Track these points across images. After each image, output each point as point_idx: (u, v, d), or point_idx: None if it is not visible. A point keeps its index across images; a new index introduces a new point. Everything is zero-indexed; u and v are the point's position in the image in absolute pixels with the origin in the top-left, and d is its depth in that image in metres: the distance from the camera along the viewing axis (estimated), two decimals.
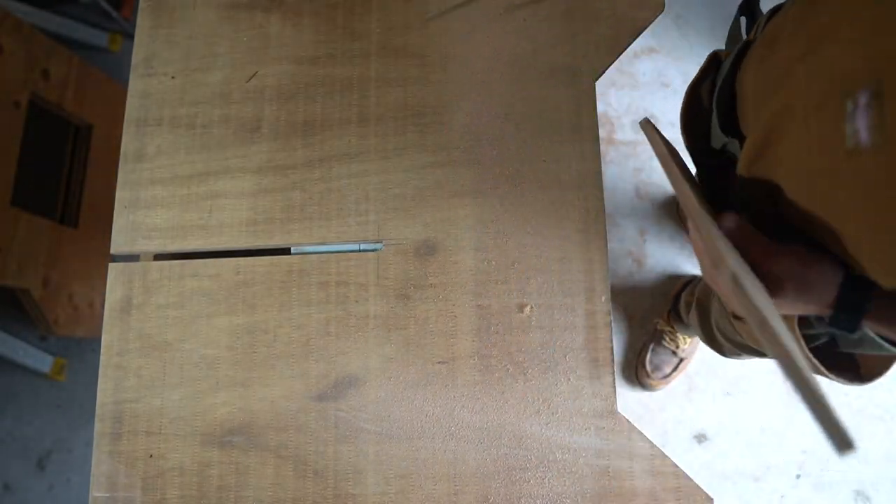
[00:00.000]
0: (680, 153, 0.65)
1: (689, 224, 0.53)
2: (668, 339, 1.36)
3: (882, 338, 0.52)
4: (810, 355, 0.57)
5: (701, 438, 1.42)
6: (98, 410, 0.73)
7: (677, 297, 1.35)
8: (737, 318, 0.71)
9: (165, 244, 0.76)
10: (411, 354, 0.71)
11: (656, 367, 1.37)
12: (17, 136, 1.33)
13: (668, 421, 1.42)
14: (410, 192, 0.74)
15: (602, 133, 1.59)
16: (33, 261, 1.38)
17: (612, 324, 0.70)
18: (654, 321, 1.41)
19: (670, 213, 1.52)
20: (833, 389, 1.42)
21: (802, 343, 0.56)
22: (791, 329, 0.55)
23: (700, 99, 0.68)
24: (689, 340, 1.35)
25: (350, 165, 0.76)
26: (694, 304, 1.05)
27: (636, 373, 1.42)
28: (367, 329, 0.71)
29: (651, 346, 1.39)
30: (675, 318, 1.33)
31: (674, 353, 1.37)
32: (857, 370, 0.61)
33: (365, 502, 0.68)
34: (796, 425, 1.41)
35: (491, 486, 0.67)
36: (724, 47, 0.71)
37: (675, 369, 1.38)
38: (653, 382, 1.38)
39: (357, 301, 0.72)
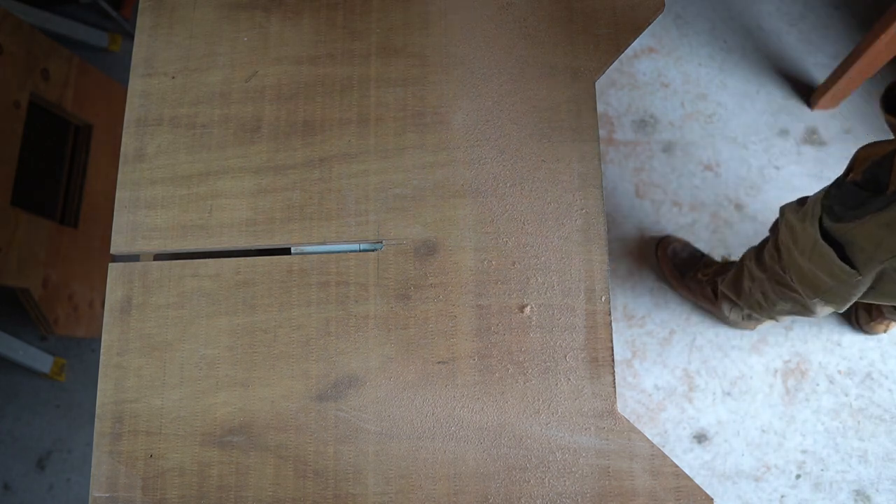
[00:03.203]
0: None
1: None
2: (704, 265, 1.42)
3: None
4: None
5: (701, 438, 1.42)
6: (98, 410, 0.73)
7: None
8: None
9: (165, 244, 0.76)
10: (411, 354, 0.71)
11: (672, 255, 1.45)
12: (17, 136, 1.33)
13: (668, 421, 1.42)
14: (410, 192, 0.74)
15: (602, 133, 1.59)
16: (33, 261, 1.38)
17: (612, 324, 0.70)
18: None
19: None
20: (833, 389, 1.43)
21: None
22: None
23: None
24: (703, 277, 1.40)
25: (350, 165, 0.76)
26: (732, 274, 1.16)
27: (663, 241, 1.48)
28: (367, 329, 0.72)
29: (689, 249, 1.46)
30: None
31: (687, 270, 1.43)
32: None
33: (365, 502, 0.68)
34: (796, 425, 1.41)
35: (491, 486, 0.67)
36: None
37: (669, 270, 1.44)
38: (659, 251, 1.48)
39: (357, 301, 0.72)
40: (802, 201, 0.99)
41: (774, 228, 1.13)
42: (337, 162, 0.76)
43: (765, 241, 1.13)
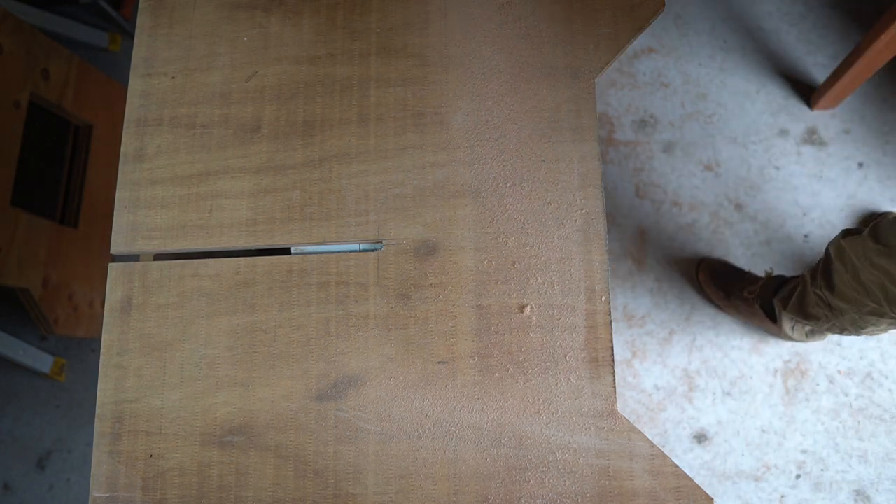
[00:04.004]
0: None
1: None
2: (748, 282, 1.40)
3: None
4: None
5: (701, 438, 1.42)
6: (98, 410, 0.73)
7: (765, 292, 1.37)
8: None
9: (165, 244, 0.76)
10: (411, 354, 0.71)
11: (713, 276, 1.45)
12: (17, 136, 1.33)
13: (668, 421, 1.43)
14: (410, 192, 0.74)
15: (602, 133, 1.59)
16: (33, 261, 1.38)
17: (612, 324, 0.70)
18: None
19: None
20: (833, 389, 1.42)
21: None
22: None
23: None
24: (749, 296, 1.38)
25: (350, 165, 0.76)
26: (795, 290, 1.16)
27: (701, 264, 1.48)
28: (367, 329, 0.72)
29: (730, 268, 1.45)
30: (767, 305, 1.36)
31: (731, 291, 1.41)
32: None
33: (365, 502, 0.68)
34: (796, 425, 1.41)
35: (491, 485, 0.67)
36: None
37: (714, 292, 1.43)
38: (700, 276, 1.47)
39: (357, 301, 0.72)
40: (851, 231, 1.00)
41: (831, 262, 1.07)
42: (337, 162, 0.76)
43: (828, 270, 1.08)
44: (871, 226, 0.97)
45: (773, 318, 1.33)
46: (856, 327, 1.08)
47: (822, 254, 1.11)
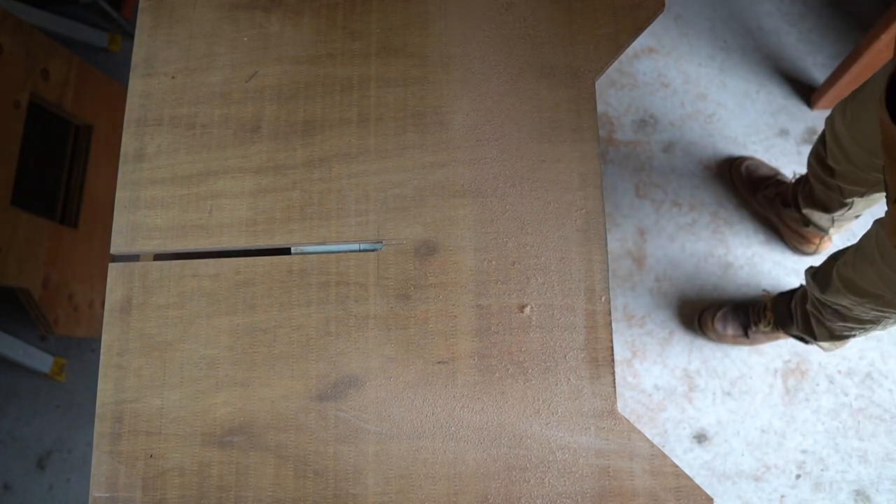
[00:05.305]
0: None
1: None
2: (755, 314, 1.39)
3: None
4: None
5: (701, 438, 1.42)
6: (98, 410, 0.73)
7: (782, 305, 1.34)
8: None
9: (165, 244, 0.76)
10: (411, 354, 0.71)
11: (724, 325, 1.42)
12: (17, 136, 1.33)
13: (668, 421, 1.43)
14: (410, 192, 0.74)
15: (602, 133, 1.60)
16: (33, 261, 1.38)
17: (612, 324, 0.70)
18: (763, 294, 1.43)
19: (722, 175, 1.54)
20: (833, 389, 1.42)
21: None
22: None
23: None
24: (767, 329, 1.37)
25: (350, 165, 0.76)
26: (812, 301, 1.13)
27: (702, 319, 1.46)
28: (367, 329, 0.72)
29: (731, 308, 1.43)
30: (780, 320, 1.33)
31: (747, 326, 1.40)
32: None
33: (365, 502, 0.68)
34: (796, 425, 1.41)
35: (491, 485, 0.67)
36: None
37: (735, 337, 1.41)
38: (711, 334, 1.44)
39: (357, 301, 0.72)
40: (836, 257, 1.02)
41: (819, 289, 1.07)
42: (337, 162, 0.76)
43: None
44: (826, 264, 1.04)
45: (800, 210, 1.34)
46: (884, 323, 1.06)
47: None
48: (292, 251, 0.75)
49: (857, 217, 1.27)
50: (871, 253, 0.89)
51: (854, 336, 1.12)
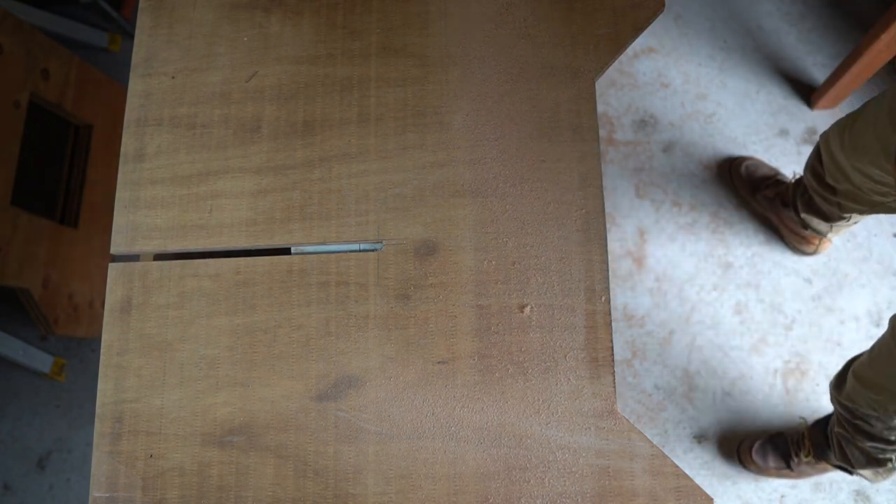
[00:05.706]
0: None
1: None
2: (794, 445, 1.32)
3: None
4: None
5: (701, 438, 1.42)
6: (98, 410, 0.73)
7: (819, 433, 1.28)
8: None
9: (165, 244, 0.76)
10: (411, 354, 0.71)
11: (763, 459, 1.35)
12: (17, 136, 1.33)
13: (668, 421, 1.43)
14: (410, 192, 0.74)
15: (602, 133, 1.59)
16: (33, 261, 1.38)
17: (612, 324, 0.70)
18: (801, 429, 1.33)
19: (722, 176, 1.53)
20: None
21: None
22: None
23: None
24: (808, 459, 1.29)
25: (350, 165, 0.76)
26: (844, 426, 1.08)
27: (740, 451, 1.40)
28: (367, 329, 0.72)
29: (768, 438, 1.36)
30: (818, 450, 1.27)
31: (788, 458, 1.34)
32: None
33: (365, 502, 0.68)
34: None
35: (491, 485, 0.67)
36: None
37: (778, 469, 1.35)
38: (752, 467, 1.37)
39: (357, 301, 0.72)
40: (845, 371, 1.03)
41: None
42: (337, 162, 0.76)
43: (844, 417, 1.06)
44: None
45: (799, 214, 1.33)
46: None
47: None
48: (292, 251, 0.75)
49: (856, 223, 1.28)
50: (889, 342, 0.91)
51: (892, 461, 1.06)
